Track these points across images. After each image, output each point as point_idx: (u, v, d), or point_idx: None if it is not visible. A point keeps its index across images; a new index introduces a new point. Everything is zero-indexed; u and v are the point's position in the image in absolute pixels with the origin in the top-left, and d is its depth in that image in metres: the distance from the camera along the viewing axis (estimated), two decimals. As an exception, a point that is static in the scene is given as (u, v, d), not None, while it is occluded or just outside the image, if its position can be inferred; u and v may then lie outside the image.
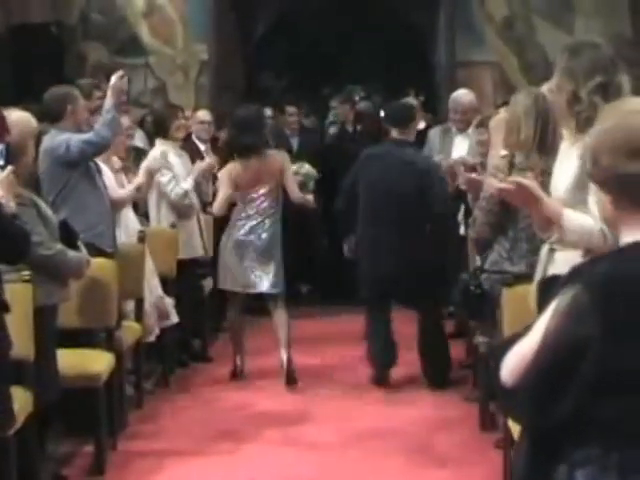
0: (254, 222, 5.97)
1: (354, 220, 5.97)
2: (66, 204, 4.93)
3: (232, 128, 6.20)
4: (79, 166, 5.04)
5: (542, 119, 4.14)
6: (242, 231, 5.97)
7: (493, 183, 2.83)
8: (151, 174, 5.96)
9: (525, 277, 4.03)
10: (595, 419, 1.80)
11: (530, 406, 1.85)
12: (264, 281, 5.98)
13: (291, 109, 8.74)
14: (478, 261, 4.70)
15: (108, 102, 5.10)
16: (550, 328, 1.83)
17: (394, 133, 6.00)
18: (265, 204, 5.99)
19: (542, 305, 1.97)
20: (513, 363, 1.87)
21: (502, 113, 4.85)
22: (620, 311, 1.80)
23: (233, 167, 5.97)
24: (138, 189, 5.73)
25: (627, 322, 1.80)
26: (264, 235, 5.98)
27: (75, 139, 5.01)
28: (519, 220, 4.36)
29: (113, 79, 5.13)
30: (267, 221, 6.00)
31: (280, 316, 6.02)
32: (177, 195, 6.18)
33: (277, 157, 6.08)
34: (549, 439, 1.86)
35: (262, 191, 5.96)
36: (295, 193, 6.04)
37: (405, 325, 7.53)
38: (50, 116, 5.01)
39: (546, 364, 1.82)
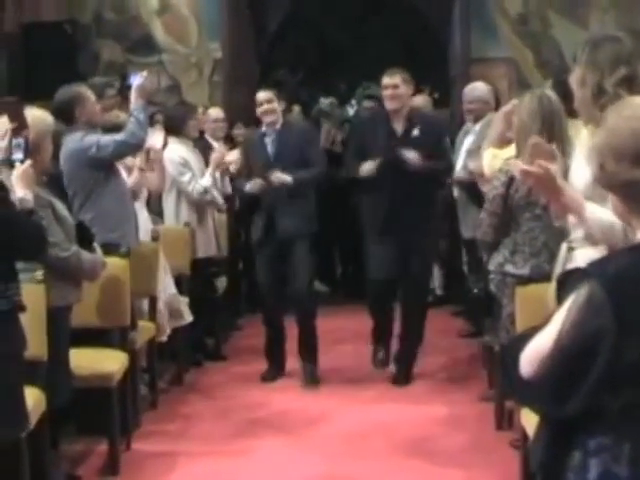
0: None
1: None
2: (94, 204, 4.92)
3: None
4: (107, 166, 5.02)
5: (548, 121, 4.09)
6: None
7: (518, 165, 2.75)
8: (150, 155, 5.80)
9: (529, 280, 4.00)
10: (608, 410, 1.82)
11: (547, 397, 1.89)
12: None
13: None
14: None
15: (137, 103, 5.07)
16: (566, 322, 1.86)
17: None
18: None
19: (560, 298, 1.99)
20: (532, 355, 1.91)
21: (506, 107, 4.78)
22: (634, 305, 1.81)
23: None
24: (141, 169, 5.61)
25: None
26: None
27: (106, 139, 4.96)
28: (521, 223, 4.34)
29: (137, 80, 5.11)
30: None
31: None
32: (198, 193, 6.22)
33: None
34: (565, 427, 1.90)
35: None
36: None
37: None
38: (61, 118, 4.87)
39: (563, 357, 1.85)
